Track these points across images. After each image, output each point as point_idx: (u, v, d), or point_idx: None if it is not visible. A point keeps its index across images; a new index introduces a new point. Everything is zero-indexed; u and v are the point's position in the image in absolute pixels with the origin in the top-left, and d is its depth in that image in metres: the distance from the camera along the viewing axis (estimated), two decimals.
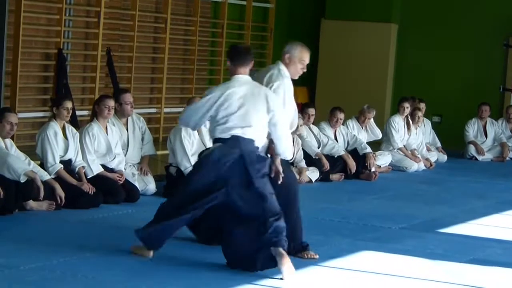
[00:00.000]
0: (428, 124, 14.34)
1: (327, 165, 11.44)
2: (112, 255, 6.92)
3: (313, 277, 6.67)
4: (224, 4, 15.09)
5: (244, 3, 15.66)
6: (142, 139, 9.95)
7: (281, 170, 6.84)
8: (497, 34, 15.94)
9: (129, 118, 9.87)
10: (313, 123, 11.88)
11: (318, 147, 11.77)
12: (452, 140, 14.73)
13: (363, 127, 12.68)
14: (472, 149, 14.77)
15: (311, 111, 11.81)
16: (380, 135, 12.82)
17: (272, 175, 6.77)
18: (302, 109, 11.98)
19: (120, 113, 9.77)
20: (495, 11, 15.98)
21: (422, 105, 13.92)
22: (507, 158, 14.87)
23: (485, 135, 14.94)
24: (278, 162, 6.84)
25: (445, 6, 16.27)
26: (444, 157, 14.20)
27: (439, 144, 14.30)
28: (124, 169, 9.47)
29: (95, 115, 9.40)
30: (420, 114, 13.50)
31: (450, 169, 13.51)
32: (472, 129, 14.89)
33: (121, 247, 7.15)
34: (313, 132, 11.81)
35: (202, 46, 14.86)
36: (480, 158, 14.71)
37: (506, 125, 15.18)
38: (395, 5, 16.40)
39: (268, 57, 16.45)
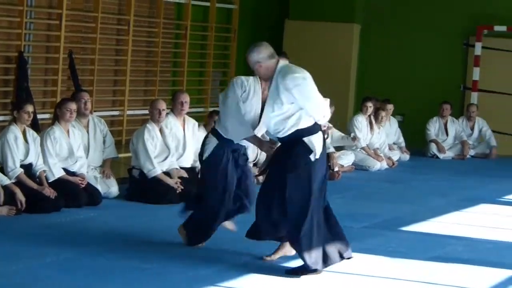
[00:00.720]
0: (394, 123, 14.44)
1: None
2: (74, 259, 6.89)
3: (270, 276, 6.67)
4: (187, 6, 15.06)
5: (208, 4, 15.64)
6: (104, 142, 9.91)
7: None
8: (457, 33, 16.08)
9: (90, 121, 9.82)
10: None
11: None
12: (414, 138, 14.85)
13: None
14: (433, 148, 14.89)
15: None
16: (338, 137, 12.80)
17: None
18: None
19: (78, 113, 9.72)
20: (456, 11, 16.12)
21: (390, 106, 14.03)
22: (468, 156, 15.02)
23: (446, 133, 15.07)
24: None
25: (407, 7, 16.40)
26: (406, 156, 14.31)
27: (403, 144, 14.40)
28: (86, 172, 9.43)
29: (57, 118, 9.35)
30: (383, 114, 13.59)
31: (412, 168, 13.62)
32: (434, 127, 15.02)
33: (83, 251, 7.12)
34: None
35: (165, 48, 14.82)
36: (441, 156, 14.84)
37: (466, 123, 15.33)
38: (358, 6, 16.48)
39: (231, 58, 16.46)
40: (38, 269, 6.54)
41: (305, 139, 6.76)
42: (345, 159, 12.67)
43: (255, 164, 11.28)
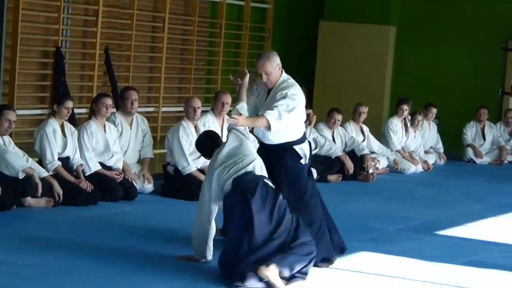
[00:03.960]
0: (434, 128, 14.36)
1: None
2: (109, 252, 6.93)
3: (310, 277, 6.66)
4: (222, 4, 15.08)
5: (243, 3, 15.65)
6: (142, 141, 9.96)
7: None
8: (496, 37, 15.95)
9: (134, 119, 9.87)
10: (309, 124, 11.86)
11: (315, 148, 11.78)
12: (450, 143, 14.74)
13: (359, 125, 12.66)
14: (470, 152, 14.78)
15: (308, 111, 11.80)
16: (376, 149, 12.73)
17: None
18: None
19: (123, 109, 9.78)
20: (494, 14, 15.99)
21: (434, 110, 14.01)
22: (505, 162, 14.89)
23: (483, 138, 14.96)
24: None
25: (443, 9, 16.28)
26: (442, 161, 14.24)
27: (441, 150, 14.30)
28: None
29: (93, 113, 9.41)
30: (420, 117, 13.51)
31: (448, 172, 13.53)
32: (471, 132, 14.91)
33: (118, 244, 7.16)
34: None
35: (200, 46, 14.85)
36: (478, 161, 14.73)
37: (504, 129, 15.20)
38: (394, 8, 16.41)
39: None
40: (73, 261, 6.58)
41: (296, 147, 7.04)
42: (380, 162, 12.60)
43: None
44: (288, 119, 6.92)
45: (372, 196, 10.79)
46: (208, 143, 6.97)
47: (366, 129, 12.75)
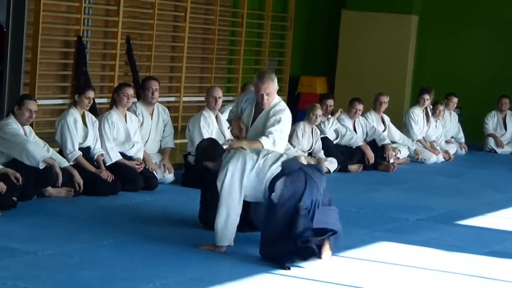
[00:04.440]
0: (455, 117, 14.29)
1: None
2: (130, 242, 6.95)
3: (330, 267, 6.66)
4: None
5: None
6: (163, 131, 9.96)
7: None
8: None
9: (155, 109, 9.87)
10: (331, 114, 11.84)
11: (337, 138, 11.76)
12: (471, 132, 14.66)
13: (380, 115, 12.61)
14: (491, 142, 14.70)
15: (330, 102, 11.80)
16: (397, 139, 12.67)
17: None
18: (320, 100, 11.97)
19: (144, 99, 9.79)
20: None
21: (455, 100, 13.92)
22: None
23: (504, 128, 14.86)
24: None
25: None
26: (463, 150, 14.18)
27: (463, 140, 14.23)
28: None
29: (114, 103, 9.41)
30: (441, 107, 13.44)
31: (469, 162, 13.46)
32: (492, 121, 14.82)
33: (139, 234, 7.17)
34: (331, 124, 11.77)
35: (221, 35, 14.84)
36: (499, 151, 14.65)
37: None
38: None
39: (287, 47, 16.43)
40: (94, 250, 6.60)
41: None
42: (401, 151, 12.55)
43: (310, 154, 11.28)
44: (281, 144, 7.34)
45: (393, 186, 10.76)
46: (216, 151, 7.08)
47: (387, 118, 12.70)
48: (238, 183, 6.74)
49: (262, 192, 6.78)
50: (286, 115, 7.41)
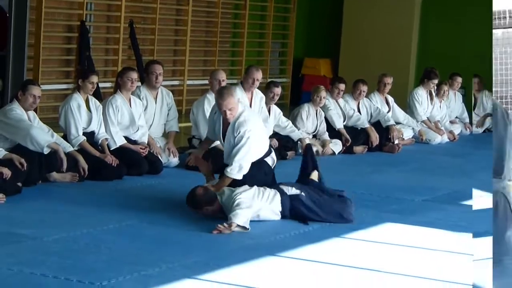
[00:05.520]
0: (459, 98, 14.25)
1: (348, 140, 11.42)
2: (136, 226, 6.96)
3: (336, 248, 6.67)
4: None
5: None
6: (167, 114, 9.95)
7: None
8: None
9: (159, 92, 9.85)
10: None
11: (344, 120, 11.74)
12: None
13: (384, 96, 12.58)
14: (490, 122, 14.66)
15: (342, 86, 11.76)
16: (401, 119, 12.65)
17: None
18: (332, 83, 11.94)
19: (147, 83, 9.78)
20: None
21: (459, 80, 13.87)
22: None
23: None
24: None
25: None
26: (467, 130, 14.15)
27: (467, 120, 14.21)
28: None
29: (118, 87, 9.40)
30: (445, 88, 13.41)
31: (474, 142, 13.44)
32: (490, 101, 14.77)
33: (144, 218, 7.18)
34: (340, 106, 11.76)
35: (225, 19, 14.81)
36: None
37: None
38: None
39: (291, 29, 16.39)
40: (100, 235, 6.61)
41: (267, 159, 7.80)
42: (406, 132, 12.54)
43: (314, 136, 11.27)
44: (251, 156, 7.54)
45: (398, 167, 10.75)
46: (210, 196, 7.31)
47: (391, 99, 12.68)
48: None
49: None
50: (248, 125, 7.52)
